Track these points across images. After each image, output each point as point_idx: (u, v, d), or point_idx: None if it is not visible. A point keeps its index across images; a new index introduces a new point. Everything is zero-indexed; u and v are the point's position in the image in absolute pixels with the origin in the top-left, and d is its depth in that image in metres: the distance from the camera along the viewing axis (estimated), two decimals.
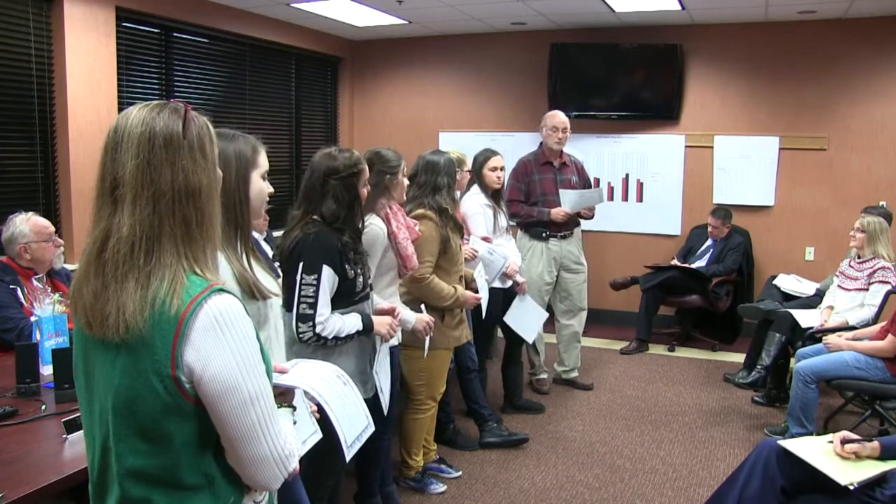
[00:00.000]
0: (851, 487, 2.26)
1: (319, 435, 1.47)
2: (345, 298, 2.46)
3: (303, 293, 2.35)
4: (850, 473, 2.33)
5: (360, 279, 2.50)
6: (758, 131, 6.05)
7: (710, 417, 4.36)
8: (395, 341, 2.96)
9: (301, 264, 2.37)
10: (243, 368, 1.15)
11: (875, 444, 2.45)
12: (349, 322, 2.44)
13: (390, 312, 2.66)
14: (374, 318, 2.54)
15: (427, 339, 3.06)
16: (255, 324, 1.22)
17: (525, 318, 4.10)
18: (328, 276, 2.37)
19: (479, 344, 3.96)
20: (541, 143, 4.65)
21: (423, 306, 3.10)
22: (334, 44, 6.95)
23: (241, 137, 1.82)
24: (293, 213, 2.54)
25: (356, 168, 2.48)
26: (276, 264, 2.49)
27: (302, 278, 2.35)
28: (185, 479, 1.17)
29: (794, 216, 6.03)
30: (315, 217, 2.46)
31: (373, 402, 2.64)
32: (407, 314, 2.96)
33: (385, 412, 2.67)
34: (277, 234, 5.26)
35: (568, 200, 4.48)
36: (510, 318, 4.04)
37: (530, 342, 4.21)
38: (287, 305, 2.39)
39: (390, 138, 6.71)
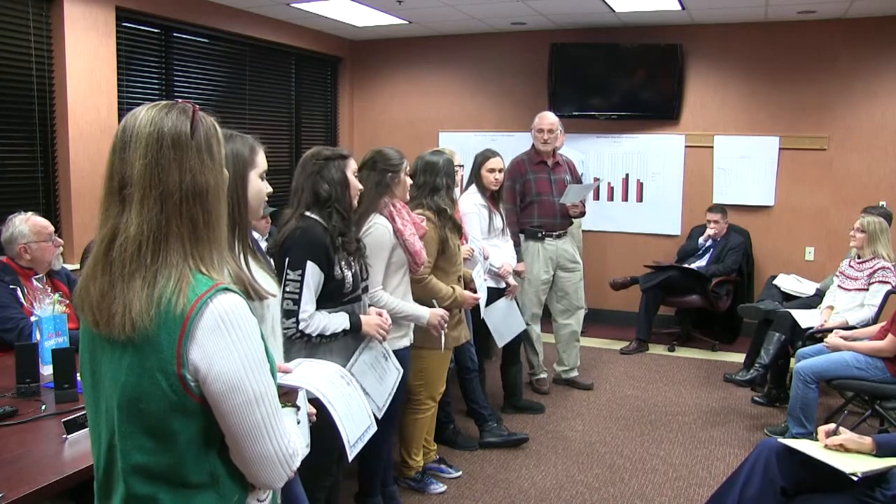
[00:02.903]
0: (855, 478, 2.26)
1: (307, 450, 1.46)
2: (333, 299, 2.45)
3: (287, 289, 2.35)
4: (853, 465, 2.33)
5: (350, 280, 2.47)
6: (758, 131, 6.06)
7: (710, 417, 4.36)
8: (406, 342, 2.97)
9: (287, 260, 2.37)
10: (248, 367, 1.16)
11: (868, 440, 2.45)
12: (335, 320, 2.42)
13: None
14: (363, 318, 2.52)
15: (443, 333, 3.07)
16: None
17: (504, 322, 4.00)
18: (312, 272, 2.36)
19: (478, 344, 3.96)
20: (533, 143, 4.66)
21: (434, 301, 3.10)
22: (334, 44, 6.95)
23: (239, 137, 1.82)
24: (285, 212, 2.55)
25: (342, 154, 2.51)
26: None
27: (287, 274, 2.35)
28: (189, 476, 1.18)
29: (794, 216, 6.03)
30: (306, 212, 2.46)
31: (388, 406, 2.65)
32: (420, 310, 2.96)
33: (378, 415, 2.64)
34: None
35: (573, 195, 4.48)
36: (489, 315, 3.90)
37: (499, 346, 4.14)
38: None
39: (390, 138, 6.71)
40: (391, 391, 2.66)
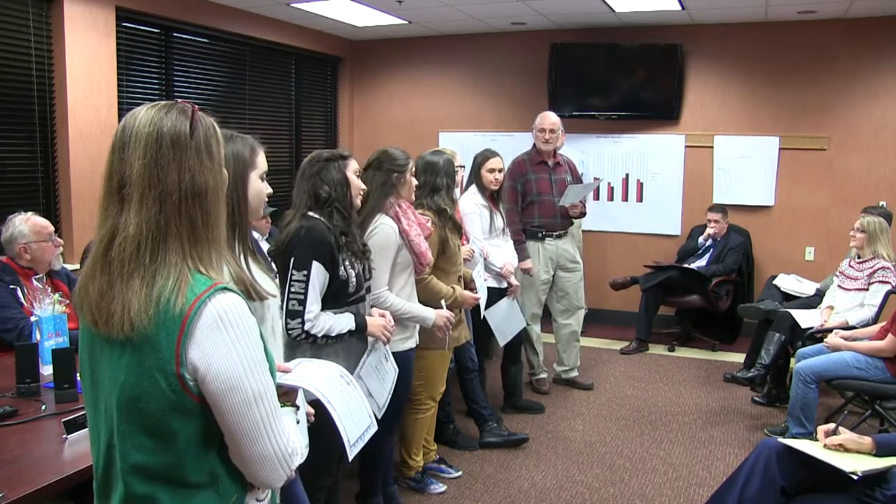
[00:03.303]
0: (855, 477, 2.26)
1: (307, 451, 1.47)
2: (338, 299, 2.44)
3: (292, 289, 2.35)
4: (853, 464, 2.33)
5: (353, 281, 2.47)
6: (758, 131, 6.06)
7: (710, 417, 4.36)
8: (411, 343, 2.97)
9: (292, 260, 2.37)
10: (246, 367, 1.16)
11: (867, 440, 2.46)
12: (341, 321, 2.42)
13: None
14: (368, 319, 2.52)
15: (447, 335, 3.07)
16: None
17: (506, 321, 4.00)
18: (318, 272, 2.36)
19: (478, 344, 3.96)
20: (534, 144, 4.66)
21: (442, 302, 3.10)
22: (334, 44, 6.95)
23: (239, 138, 1.82)
24: (287, 213, 2.55)
25: (342, 154, 2.51)
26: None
27: (292, 274, 2.35)
28: (189, 476, 1.18)
29: (794, 216, 6.03)
30: (308, 212, 2.46)
31: (389, 407, 2.64)
32: (426, 312, 2.96)
33: (378, 416, 2.64)
34: None
35: (573, 195, 4.48)
36: (491, 315, 3.91)
37: (501, 345, 4.15)
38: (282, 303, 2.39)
39: (390, 138, 6.71)
40: (391, 391, 2.66)
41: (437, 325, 2.99)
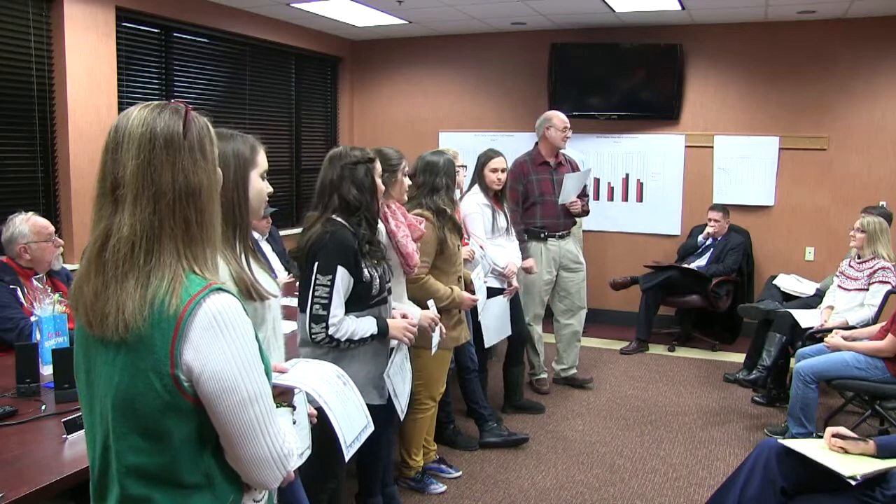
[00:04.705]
0: (853, 482, 2.26)
1: (309, 451, 1.47)
2: (361, 301, 2.45)
3: (317, 294, 2.35)
4: (853, 467, 2.32)
5: (377, 282, 2.48)
6: (758, 131, 6.05)
7: (710, 417, 4.36)
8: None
9: (316, 264, 2.37)
10: (241, 368, 1.16)
11: (870, 443, 2.45)
12: (363, 325, 2.43)
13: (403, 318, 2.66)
14: (390, 322, 2.53)
15: (434, 336, 3.06)
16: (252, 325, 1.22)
17: (496, 322, 3.95)
18: (342, 277, 2.37)
19: (479, 344, 3.95)
20: (536, 144, 4.65)
21: (430, 303, 3.10)
22: (334, 44, 6.95)
23: (240, 137, 1.82)
24: (309, 214, 2.54)
25: (370, 157, 2.52)
26: (282, 265, 2.50)
27: (316, 279, 2.35)
28: (184, 477, 1.18)
29: (794, 216, 6.03)
30: (333, 216, 2.45)
31: (388, 407, 2.63)
32: (412, 311, 2.96)
33: (401, 417, 2.64)
34: (284, 232, 5.27)
35: (569, 186, 4.47)
36: (485, 314, 3.84)
37: (486, 345, 4.05)
38: (301, 305, 2.39)
39: (390, 138, 6.71)
40: (409, 392, 2.67)
41: (423, 324, 2.99)
